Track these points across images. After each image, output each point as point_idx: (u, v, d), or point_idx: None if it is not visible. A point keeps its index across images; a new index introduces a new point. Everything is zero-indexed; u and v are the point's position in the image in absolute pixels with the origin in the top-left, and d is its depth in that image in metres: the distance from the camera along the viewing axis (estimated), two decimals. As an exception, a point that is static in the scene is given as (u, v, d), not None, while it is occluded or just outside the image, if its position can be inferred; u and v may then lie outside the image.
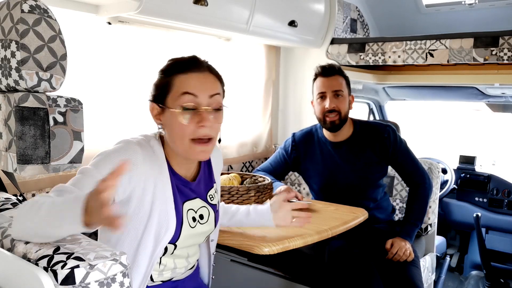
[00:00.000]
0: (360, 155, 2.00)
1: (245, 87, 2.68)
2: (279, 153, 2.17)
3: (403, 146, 2.02)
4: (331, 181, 2.05)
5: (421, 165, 2.06)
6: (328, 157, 2.05)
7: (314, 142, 2.09)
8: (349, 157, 2.02)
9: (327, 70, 1.98)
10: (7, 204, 1.20)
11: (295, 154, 2.12)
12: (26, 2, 0.97)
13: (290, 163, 2.14)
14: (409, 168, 2.02)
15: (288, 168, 2.17)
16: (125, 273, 0.87)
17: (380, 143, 1.99)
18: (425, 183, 2.02)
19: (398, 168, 2.04)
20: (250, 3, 2.11)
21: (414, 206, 2.00)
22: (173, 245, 1.19)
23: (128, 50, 2.01)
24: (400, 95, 3.32)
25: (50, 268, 0.83)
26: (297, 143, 2.13)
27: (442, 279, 2.72)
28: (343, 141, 2.03)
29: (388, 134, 1.99)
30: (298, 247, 1.45)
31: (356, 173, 2.01)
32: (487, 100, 3.05)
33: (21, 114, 0.97)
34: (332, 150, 2.04)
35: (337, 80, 1.97)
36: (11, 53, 0.97)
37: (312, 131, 2.14)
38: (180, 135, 1.13)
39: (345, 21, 2.83)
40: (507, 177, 3.15)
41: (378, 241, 1.97)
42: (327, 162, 2.05)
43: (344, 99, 1.96)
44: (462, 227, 3.29)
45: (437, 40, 2.26)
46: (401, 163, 2.02)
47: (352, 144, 2.02)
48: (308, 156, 2.10)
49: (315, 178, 2.09)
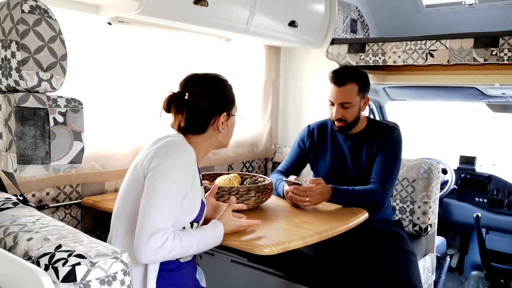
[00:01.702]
0: (364, 149, 2.04)
1: (245, 87, 2.68)
2: (295, 146, 2.23)
3: (394, 150, 1.99)
4: (336, 171, 2.08)
5: (393, 180, 1.97)
6: (338, 147, 2.10)
7: (327, 132, 2.16)
8: (355, 150, 2.06)
9: (338, 78, 1.96)
10: (8, 203, 1.20)
11: (310, 142, 2.18)
12: (27, 3, 0.97)
13: (305, 151, 2.18)
14: (380, 169, 1.96)
15: (305, 158, 2.20)
16: (126, 271, 0.87)
17: (381, 141, 2.00)
18: (382, 189, 1.91)
19: (376, 159, 1.99)
20: (250, 3, 2.12)
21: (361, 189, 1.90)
22: (197, 224, 1.42)
23: (128, 50, 2.01)
24: (400, 95, 3.31)
25: (51, 265, 0.83)
26: (311, 131, 2.20)
27: (442, 280, 2.72)
28: (354, 134, 2.07)
29: (392, 133, 2.01)
30: (298, 248, 1.45)
31: (358, 166, 2.04)
32: (487, 101, 3.05)
33: (21, 115, 0.97)
34: (341, 141, 2.10)
35: (346, 91, 1.95)
36: (11, 54, 0.97)
37: (326, 122, 2.19)
38: (232, 133, 1.55)
39: (345, 22, 2.83)
40: (507, 177, 3.15)
41: (377, 240, 1.97)
42: (335, 152, 2.10)
43: (351, 108, 1.98)
44: (462, 228, 3.28)
45: (437, 41, 2.26)
46: (379, 159, 1.98)
47: (361, 138, 2.06)
48: (319, 144, 2.16)
49: (322, 166, 2.13)
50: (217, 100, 1.44)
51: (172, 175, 1.29)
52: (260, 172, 2.87)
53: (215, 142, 1.49)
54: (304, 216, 1.75)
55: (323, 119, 2.23)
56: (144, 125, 2.10)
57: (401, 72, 2.75)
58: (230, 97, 1.49)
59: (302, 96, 2.84)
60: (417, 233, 2.32)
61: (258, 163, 2.83)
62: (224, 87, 1.48)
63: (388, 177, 1.95)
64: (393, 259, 1.88)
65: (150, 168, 1.31)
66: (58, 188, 1.86)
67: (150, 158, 1.33)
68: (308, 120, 2.74)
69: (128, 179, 1.40)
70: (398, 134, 2.03)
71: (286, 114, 2.93)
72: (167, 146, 1.34)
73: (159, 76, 2.13)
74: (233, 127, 1.54)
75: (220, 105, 1.45)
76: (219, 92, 1.46)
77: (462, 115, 5.10)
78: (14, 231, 1.01)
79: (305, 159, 2.20)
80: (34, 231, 0.99)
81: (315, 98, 2.77)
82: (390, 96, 3.35)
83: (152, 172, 1.30)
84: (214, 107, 1.44)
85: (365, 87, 2.01)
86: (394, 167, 1.98)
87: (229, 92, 1.50)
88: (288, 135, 2.95)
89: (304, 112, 2.84)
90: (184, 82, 1.45)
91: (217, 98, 1.44)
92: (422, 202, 2.30)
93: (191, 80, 1.44)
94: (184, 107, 1.40)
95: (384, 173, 1.95)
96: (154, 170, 1.30)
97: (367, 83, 2.02)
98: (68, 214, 1.90)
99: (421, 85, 2.92)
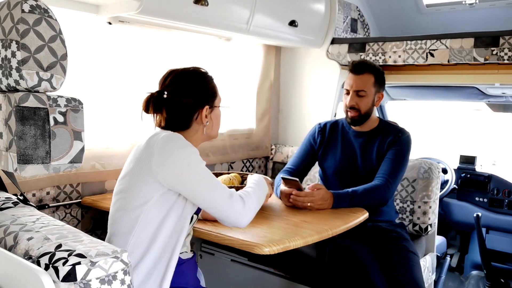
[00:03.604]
0: (375, 147, 2.05)
1: (245, 87, 2.68)
2: (304, 142, 2.23)
3: (403, 149, 2.01)
4: (346, 167, 2.09)
5: (398, 178, 1.97)
6: (348, 144, 2.11)
7: (338, 130, 2.17)
8: (366, 147, 2.07)
9: (357, 67, 2.03)
10: (8, 203, 1.20)
11: (321, 138, 2.18)
12: (27, 2, 0.97)
13: (316, 147, 2.18)
14: (386, 166, 1.97)
15: (315, 155, 2.19)
16: (126, 271, 0.87)
17: (392, 139, 2.03)
18: (386, 186, 1.92)
19: (384, 157, 2.01)
20: (250, 3, 2.12)
21: (362, 188, 1.91)
22: (196, 216, 1.45)
23: (128, 50, 2.01)
24: (400, 95, 3.31)
25: (51, 264, 0.83)
26: (323, 127, 2.20)
27: (442, 279, 2.72)
28: (365, 132, 2.09)
29: (402, 134, 2.04)
30: (298, 247, 1.45)
31: (369, 163, 2.05)
32: (488, 100, 3.05)
33: (21, 114, 0.97)
34: (352, 138, 2.11)
35: (363, 79, 2.01)
36: (11, 53, 0.97)
37: (338, 121, 2.21)
38: (219, 124, 1.54)
39: (345, 21, 2.83)
40: (508, 177, 3.14)
41: (380, 240, 1.97)
42: (346, 148, 2.11)
43: (366, 98, 2.02)
44: (462, 227, 3.28)
45: (437, 40, 2.26)
46: (387, 157, 2.00)
47: (372, 137, 2.08)
48: (330, 141, 2.16)
49: (331, 161, 2.14)
50: (197, 94, 1.44)
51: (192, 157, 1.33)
52: (260, 171, 2.87)
53: (201, 135, 1.49)
54: (304, 215, 1.75)
55: (323, 118, 2.23)
56: (144, 125, 2.10)
57: (401, 71, 2.75)
58: (211, 89, 1.48)
59: (302, 96, 2.84)
60: (417, 233, 2.32)
61: (258, 162, 2.83)
62: (203, 80, 1.47)
63: (393, 174, 1.96)
64: (397, 259, 1.88)
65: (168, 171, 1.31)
66: (58, 187, 1.86)
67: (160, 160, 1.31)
68: (308, 119, 2.74)
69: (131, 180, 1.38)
70: (408, 136, 2.06)
71: (286, 114, 2.93)
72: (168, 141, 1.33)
73: (159, 76, 2.12)
74: (219, 118, 1.53)
75: (201, 99, 1.45)
76: (199, 86, 1.45)
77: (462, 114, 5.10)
78: (14, 230, 1.01)
79: (314, 157, 2.20)
80: (34, 231, 0.99)
81: (315, 98, 2.77)
82: (390, 96, 3.35)
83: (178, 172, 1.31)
84: (196, 102, 1.44)
85: (381, 82, 2.06)
86: (400, 166, 1.99)
87: (210, 84, 1.49)
88: (288, 134, 2.94)
89: (304, 111, 2.84)
90: (163, 80, 1.47)
91: (197, 92, 1.44)
92: (422, 202, 2.29)
93: (168, 77, 1.46)
94: (163, 107, 1.42)
95: (389, 170, 1.97)
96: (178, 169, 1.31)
97: (383, 79, 2.07)
98: (68, 214, 1.91)
99: (421, 85, 2.92)
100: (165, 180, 1.31)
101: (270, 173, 2.85)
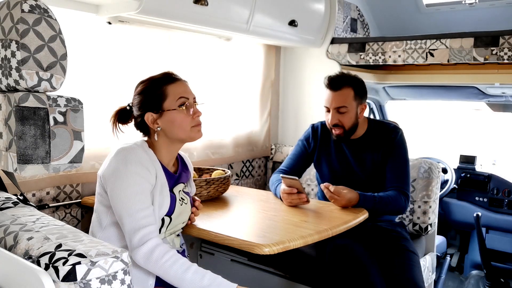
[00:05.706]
0: (369, 154, 2.03)
1: (245, 86, 2.68)
2: (298, 144, 2.21)
3: (401, 153, 2.01)
4: (340, 176, 2.08)
5: (409, 183, 2.00)
6: (341, 151, 2.09)
7: (330, 135, 2.11)
8: (359, 155, 2.05)
9: (334, 83, 1.96)
10: (8, 203, 1.20)
11: (314, 142, 2.16)
12: (26, 2, 0.97)
13: (309, 150, 2.17)
14: (394, 176, 1.98)
15: (309, 157, 2.18)
16: (126, 271, 0.87)
17: (387, 145, 2.01)
18: (403, 195, 1.95)
19: (387, 166, 2.01)
20: (250, 2, 2.11)
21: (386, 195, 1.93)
22: (169, 218, 1.48)
23: (128, 50, 2.01)
24: (400, 94, 3.31)
25: (51, 264, 0.83)
26: (315, 131, 2.18)
27: (442, 279, 2.72)
28: (356, 139, 2.06)
29: (395, 135, 2.02)
30: (298, 247, 1.45)
31: (363, 171, 2.04)
32: (487, 100, 3.05)
33: (21, 114, 0.97)
34: (344, 146, 2.08)
35: (342, 95, 1.95)
36: (11, 53, 0.97)
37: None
38: (183, 126, 1.46)
39: (345, 21, 2.83)
40: (508, 176, 3.14)
41: (380, 240, 1.97)
42: (339, 157, 2.09)
43: (348, 113, 1.96)
44: (462, 227, 3.28)
45: (437, 40, 2.26)
46: (390, 165, 2.00)
47: (363, 142, 2.05)
48: (322, 145, 2.14)
49: (326, 169, 2.13)
50: (139, 102, 1.48)
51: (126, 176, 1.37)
52: (260, 171, 2.87)
53: (166, 140, 1.49)
54: (304, 215, 1.75)
55: (323, 118, 2.22)
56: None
57: (401, 71, 2.75)
58: (153, 96, 1.46)
59: (302, 95, 2.84)
60: (417, 233, 2.32)
61: (258, 162, 2.83)
62: (144, 88, 1.48)
63: (404, 182, 1.97)
64: (397, 259, 1.88)
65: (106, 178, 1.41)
66: (58, 187, 1.86)
67: (104, 169, 1.43)
68: (308, 119, 2.74)
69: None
70: (401, 135, 2.03)
71: (286, 113, 2.94)
72: (116, 153, 1.42)
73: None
74: (177, 120, 1.45)
75: (143, 106, 1.47)
76: (140, 94, 1.48)
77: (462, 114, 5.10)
78: (14, 230, 1.01)
79: (308, 159, 2.19)
80: (34, 231, 0.99)
81: (315, 97, 2.77)
82: (390, 96, 3.35)
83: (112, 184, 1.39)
84: (139, 110, 1.48)
85: (362, 93, 2.00)
86: (405, 171, 1.99)
87: (152, 91, 1.46)
88: (288, 134, 2.95)
89: (304, 111, 2.84)
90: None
91: (139, 102, 1.48)
92: (422, 202, 2.30)
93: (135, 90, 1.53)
94: (130, 117, 1.53)
95: (399, 179, 1.97)
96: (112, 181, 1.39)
97: (363, 89, 2.00)
98: (68, 214, 1.91)
99: (421, 85, 2.92)
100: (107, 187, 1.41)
101: (270, 172, 2.85)
